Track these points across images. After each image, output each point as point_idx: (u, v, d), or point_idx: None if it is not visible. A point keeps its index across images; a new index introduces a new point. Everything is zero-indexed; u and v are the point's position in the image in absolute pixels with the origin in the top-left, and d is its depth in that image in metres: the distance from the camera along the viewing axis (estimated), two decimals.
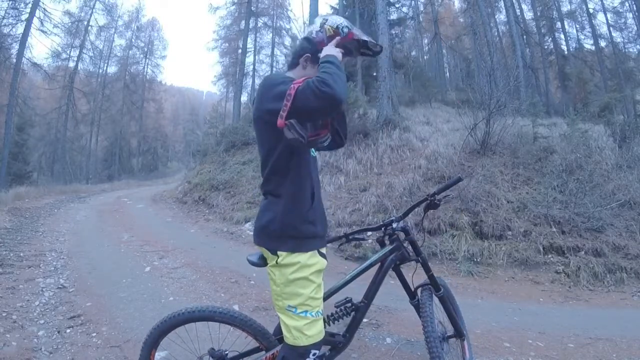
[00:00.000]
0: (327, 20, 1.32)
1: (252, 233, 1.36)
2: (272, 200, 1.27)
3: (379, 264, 1.61)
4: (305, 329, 1.22)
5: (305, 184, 1.27)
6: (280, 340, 1.37)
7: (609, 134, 6.46)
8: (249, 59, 21.24)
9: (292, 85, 1.09)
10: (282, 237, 1.23)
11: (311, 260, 1.25)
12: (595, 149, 5.84)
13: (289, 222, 1.23)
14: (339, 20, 1.31)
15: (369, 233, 3.95)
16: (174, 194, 10.38)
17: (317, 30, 1.32)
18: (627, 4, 15.88)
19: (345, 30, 1.28)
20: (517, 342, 2.42)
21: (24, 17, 15.70)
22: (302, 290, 1.23)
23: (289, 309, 1.24)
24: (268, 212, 1.26)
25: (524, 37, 15.91)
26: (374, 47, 1.33)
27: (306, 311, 1.23)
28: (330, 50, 1.21)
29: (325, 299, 1.47)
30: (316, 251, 1.28)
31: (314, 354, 1.25)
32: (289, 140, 1.10)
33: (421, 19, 19.18)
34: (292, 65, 1.37)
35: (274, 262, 1.24)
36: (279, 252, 1.23)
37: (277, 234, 1.23)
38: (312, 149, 1.34)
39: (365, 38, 1.31)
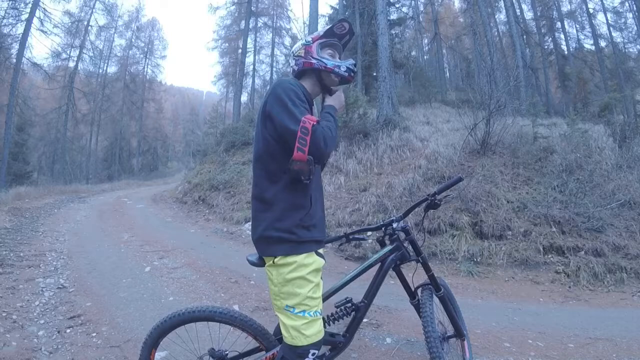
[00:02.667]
0: (293, 51, 1.42)
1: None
2: (263, 207, 1.26)
3: (379, 263, 1.62)
4: (304, 328, 1.22)
5: (304, 192, 1.26)
6: (281, 340, 1.37)
7: (609, 134, 6.45)
8: (249, 59, 21.29)
9: (305, 119, 1.14)
10: (278, 241, 1.23)
11: (307, 260, 1.24)
12: (595, 149, 5.84)
13: (284, 228, 1.22)
14: (299, 42, 1.43)
15: (369, 233, 3.96)
16: (174, 194, 10.39)
17: (294, 63, 1.41)
18: (627, 4, 15.89)
19: (309, 39, 1.39)
20: (517, 342, 2.41)
21: (24, 17, 15.70)
22: (299, 289, 1.22)
23: (287, 308, 1.24)
24: (261, 222, 1.26)
25: (524, 37, 15.90)
26: (339, 28, 1.40)
27: (304, 311, 1.23)
28: (333, 100, 1.36)
29: (325, 299, 1.47)
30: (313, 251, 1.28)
31: (313, 354, 1.25)
32: (290, 171, 1.16)
33: (421, 19, 19.19)
34: (299, 75, 1.42)
35: (271, 262, 1.25)
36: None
37: (273, 239, 1.23)
38: None
39: (326, 29, 1.39)
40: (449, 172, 5.42)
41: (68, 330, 2.47)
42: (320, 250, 1.34)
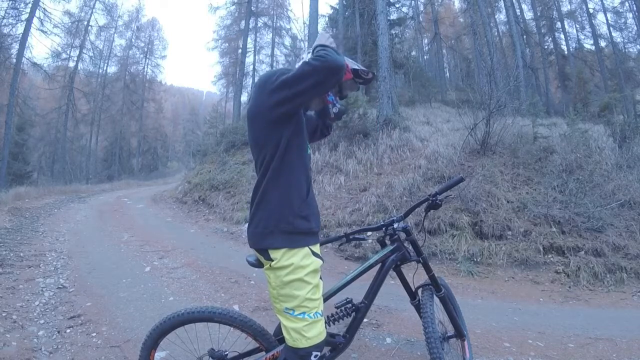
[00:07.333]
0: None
1: None
2: (264, 198, 1.24)
3: (380, 264, 1.61)
4: (304, 330, 1.21)
5: (301, 179, 1.26)
6: (281, 341, 1.37)
7: (609, 134, 6.45)
8: (249, 59, 21.27)
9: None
10: (274, 232, 1.21)
11: (304, 262, 1.23)
12: (595, 149, 5.83)
13: (281, 217, 1.21)
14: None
15: (370, 233, 3.96)
16: (174, 194, 10.38)
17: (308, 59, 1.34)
18: (627, 4, 15.90)
19: None
20: (517, 342, 2.41)
21: (24, 17, 15.70)
22: (297, 292, 1.22)
23: (286, 311, 1.23)
24: (260, 212, 1.24)
25: (524, 37, 15.91)
26: (365, 74, 1.36)
27: (304, 313, 1.22)
28: (321, 39, 1.23)
29: (325, 299, 1.46)
30: (310, 252, 1.26)
31: (316, 356, 1.24)
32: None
33: (421, 19, 19.19)
34: None
35: (268, 265, 1.24)
36: (271, 253, 1.22)
37: (269, 230, 1.22)
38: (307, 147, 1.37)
39: (354, 67, 1.33)
40: (449, 172, 5.41)
41: (68, 330, 2.47)
42: (317, 250, 1.33)
